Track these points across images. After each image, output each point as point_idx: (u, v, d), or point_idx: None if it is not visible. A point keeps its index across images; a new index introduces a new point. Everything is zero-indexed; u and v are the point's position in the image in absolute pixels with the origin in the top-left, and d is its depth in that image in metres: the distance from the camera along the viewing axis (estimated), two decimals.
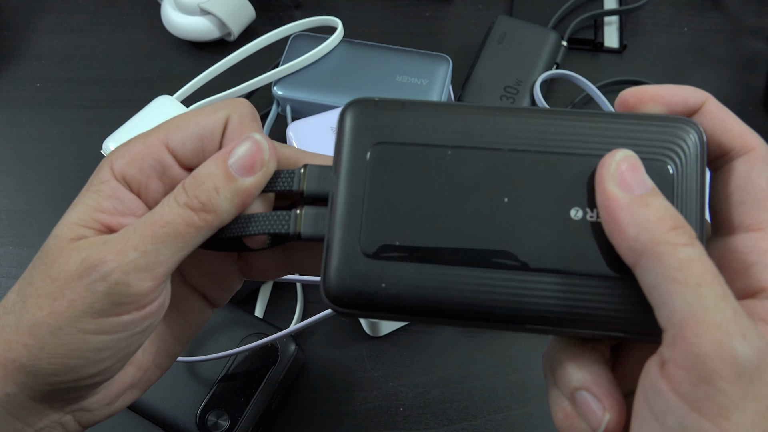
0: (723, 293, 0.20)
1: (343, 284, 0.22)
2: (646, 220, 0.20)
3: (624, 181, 0.21)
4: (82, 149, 0.56)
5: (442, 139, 0.23)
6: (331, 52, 0.52)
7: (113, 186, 0.26)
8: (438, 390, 0.46)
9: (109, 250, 0.24)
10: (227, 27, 0.59)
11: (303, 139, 0.43)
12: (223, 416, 0.41)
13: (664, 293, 0.20)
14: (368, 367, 0.47)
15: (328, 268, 0.23)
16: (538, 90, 0.52)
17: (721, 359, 0.19)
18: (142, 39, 0.62)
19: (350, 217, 0.23)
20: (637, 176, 0.21)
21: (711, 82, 0.59)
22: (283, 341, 0.43)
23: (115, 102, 0.58)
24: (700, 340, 0.19)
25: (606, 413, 0.22)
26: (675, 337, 0.20)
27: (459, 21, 0.62)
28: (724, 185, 0.23)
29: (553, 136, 0.23)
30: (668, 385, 0.20)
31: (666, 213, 0.21)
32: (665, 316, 0.20)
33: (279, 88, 0.51)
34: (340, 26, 0.52)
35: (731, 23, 0.62)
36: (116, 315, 0.24)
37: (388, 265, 0.22)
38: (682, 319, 0.20)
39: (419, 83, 0.50)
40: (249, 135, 0.25)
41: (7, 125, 0.58)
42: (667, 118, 0.23)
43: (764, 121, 0.57)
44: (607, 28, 0.60)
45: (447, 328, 0.48)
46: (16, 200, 0.54)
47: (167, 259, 0.24)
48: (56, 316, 0.24)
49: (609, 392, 0.23)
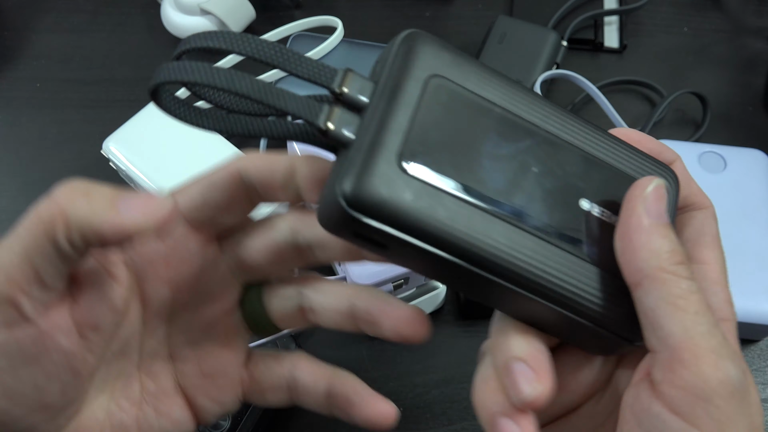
0: (715, 322, 0.22)
1: (370, 185, 0.21)
2: (660, 249, 0.23)
3: (651, 208, 0.23)
4: (82, 149, 0.56)
5: (492, 97, 0.24)
6: (331, 52, 0.52)
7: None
8: (438, 390, 0.46)
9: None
10: (227, 27, 0.59)
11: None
12: (223, 417, 0.41)
13: (661, 316, 0.22)
14: (368, 367, 0.47)
15: (352, 169, 0.21)
16: (538, 90, 0.52)
17: (719, 380, 0.21)
18: (142, 39, 0.62)
19: (391, 129, 0.22)
20: (661, 207, 0.24)
21: (711, 82, 0.59)
22: (283, 340, 0.42)
23: (115, 102, 0.58)
24: (699, 362, 0.21)
25: (540, 384, 0.23)
26: (671, 359, 0.22)
27: (459, 21, 0.62)
28: (680, 229, 0.27)
29: (583, 137, 0.25)
30: (665, 406, 0.22)
31: (677, 248, 0.23)
32: (659, 338, 0.22)
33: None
34: (340, 26, 0.52)
35: (731, 23, 0.62)
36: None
37: (415, 182, 0.22)
38: (680, 342, 0.22)
39: None
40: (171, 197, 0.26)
41: (7, 125, 0.58)
42: (659, 162, 0.26)
43: (764, 121, 0.57)
44: (607, 28, 0.60)
45: (447, 328, 0.48)
46: (16, 200, 0.54)
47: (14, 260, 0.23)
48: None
49: (547, 371, 0.23)
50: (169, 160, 0.44)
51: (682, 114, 0.57)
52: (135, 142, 0.44)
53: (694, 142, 0.51)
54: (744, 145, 0.50)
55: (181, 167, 0.43)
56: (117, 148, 0.44)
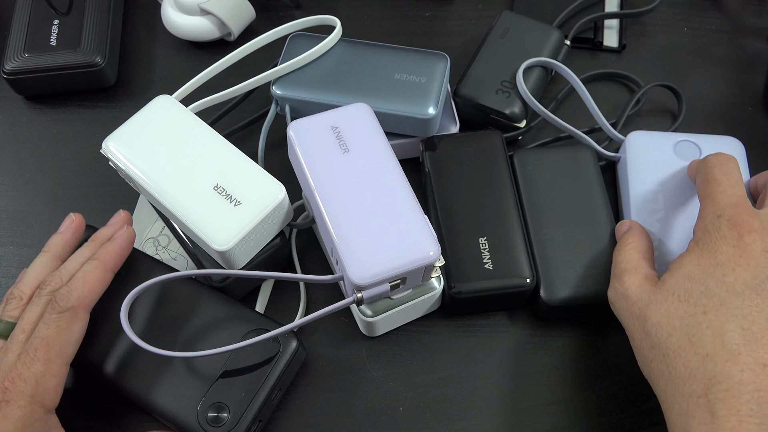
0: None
1: None
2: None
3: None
4: (82, 149, 0.56)
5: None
6: (330, 51, 0.52)
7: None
8: (438, 390, 0.46)
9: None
10: (227, 27, 0.59)
11: (303, 137, 0.44)
12: (224, 410, 0.41)
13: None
14: (368, 366, 0.47)
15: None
16: (520, 77, 0.52)
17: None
18: (142, 39, 0.62)
19: None
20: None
21: (711, 82, 0.59)
22: (285, 337, 0.42)
23: (115, 102, 0.58)
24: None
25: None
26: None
27: (459, 21, 0.62)
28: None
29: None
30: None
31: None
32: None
33: (278, 88, 0.51)
34: (339, 25, 0.52)
35: (731, 23, 0.62)
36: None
37: None
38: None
39: (417, 81, 0.50)
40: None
41: (7, 125, 0.58)
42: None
43: (764, 121, 0.57)
44: (607, 28, 0.60)
45: (447, 328, 0.48)
46: (16, 200, 0.54)
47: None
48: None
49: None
50: (168, 159, 0.44)
51: (660, 106, 0.57)
52: (135, 141, 0.44)
53: (670, 132, 0.51)
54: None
55: (180, 167, 0.43)
56: (116, 148, 0.44)
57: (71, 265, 0.42)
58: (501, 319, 0.48)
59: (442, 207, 0.47)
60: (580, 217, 0.48)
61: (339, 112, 0.45)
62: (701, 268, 0.38)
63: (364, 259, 0.39)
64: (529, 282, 0.45)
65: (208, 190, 0.43)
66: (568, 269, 0.46)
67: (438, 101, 0.49)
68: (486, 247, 0.46)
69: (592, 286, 0.45)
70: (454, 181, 0.48)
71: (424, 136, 0.50)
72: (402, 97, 0.49)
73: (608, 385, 0.46)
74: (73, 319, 0.39)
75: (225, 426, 0.40)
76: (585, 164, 0.50)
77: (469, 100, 0.53)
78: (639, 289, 0.40)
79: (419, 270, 0.40)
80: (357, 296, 0.39)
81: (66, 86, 0.57)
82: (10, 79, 0.56)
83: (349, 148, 0.43)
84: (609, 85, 0.58)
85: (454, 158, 0.49)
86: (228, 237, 0.41)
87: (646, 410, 0.45)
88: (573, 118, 0.55)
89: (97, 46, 0.56)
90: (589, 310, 0.46)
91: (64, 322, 0.39)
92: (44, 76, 0.55)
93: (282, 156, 0.51)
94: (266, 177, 0.43)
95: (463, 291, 0.45)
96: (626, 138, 0.51)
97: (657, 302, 0.38)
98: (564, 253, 0.46)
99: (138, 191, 0.48)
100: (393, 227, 0.40)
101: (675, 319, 0.37)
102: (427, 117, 0.49)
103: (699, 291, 0.37)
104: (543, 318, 0.48)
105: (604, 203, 0.48)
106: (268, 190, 0.43)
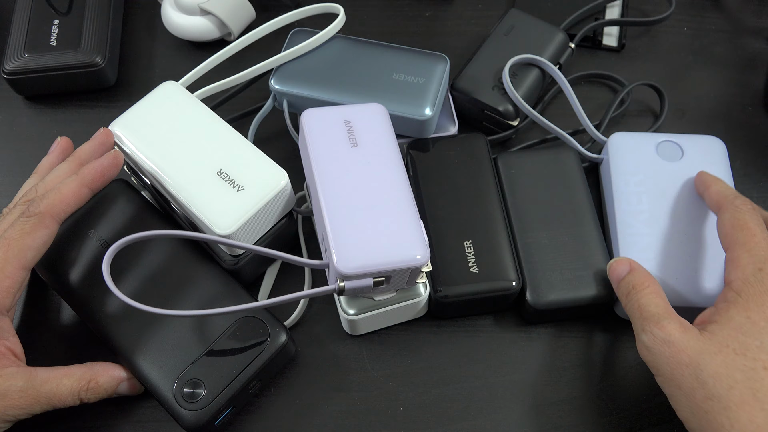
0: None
1: None
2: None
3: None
4: None
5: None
6: (330, 48, 0.52)
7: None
8: (438, 390, 0.46)
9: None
10: (227, 27, 0.59)
11: (315, 125, 0.44)
12: (200, 387, 0.41)
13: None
14: (368, 366, 0.47)
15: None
16: (506, 74, 0.52)
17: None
18: (142, 39, 0.62)
19: None
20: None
21: (711, 82, 0.59)
22: (274, 329, 0.42)
23: (115, 102, 0.58)
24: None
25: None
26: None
27: (459, 21, 0.62)
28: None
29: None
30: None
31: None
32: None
33: (276, 82, 0.51)
34: (342, 12, 0.52)
35: (731, 23, 0.62)
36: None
37: None
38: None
39: (415, 81, 0.50)
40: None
41: (7, 125, 0.58)
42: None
43: (764, 121, 0.57)
44: (607, 28, 0.60)
45: (447, 328, 0.48)
46: None
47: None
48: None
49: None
50: (172, 144, 0.44)
51: (647, 106, 0.57)
52: (140, 125, 0.45)
53: (652, 133, 0.51)
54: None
55: (185, 151, 0.44)
56: (122, 132, 0.45)
57: (49, 179, 0.43)
58: (501, 319, 0.48)
59: (426, 210, 0.47)
60: (565, 219, 0.48)
61: (354, 108, 0.45)
62: (752, 322, 0.37)
63: (352, 250, 0.39)
64: (515, 285, 0.45)
65: (212, 175, 0.43)
66: (554, 272, 0.46)
67: (435, 103, 0.49)
68: (471, 251, 0.46)
69: (578, 288, 0.45)
70: (439, 184, 0.48)
71: (421, 137, 0.50)
72: (399, 97, 0.49)
73: (608, 385, 0.46)
74: (38, 225, 0.40)
75: (197, 403, 0.40)
76: (568, 166, 0.50)
77: (465, 94, 0.53)
78: (685, 336, 0.38)
79: (405, 271, 0.40)
80: (339, 285, 0.39)
81: (66, 86, 0.57)
82: (10, 79, 0.56)
83: (358, 143, 0.43)
84: (600, 86, 0.58)
85: (438, 161, 0.49)
86: (230, 222, 0.42)
87: (646, 410, 0.45)
88: (561, 119, 0.55)
89: (97, 46, 0.56)
90: (574, 312, 0.46)
91: (28, 227, 0.40)
92: (44, 76, 0.56)
93: (278, 149, 0.51)
94: (270, 164, 0.44)
95: (449, 294, 0.44)
96: (608, 139, 0.51)
97: (711, 352, 0.37)
98: (549, 255, 0.46)
99: (141, 179, 0.48)
100: (386, 225, 0.40)
101: (735, 371, 0.36)
102: (423, 118, 0.48)
103: (755, 346, 0.36)
104: (529, 321, 0.48)
105: (588, 205, 0.48)
106: (271, 176, 0.43)
